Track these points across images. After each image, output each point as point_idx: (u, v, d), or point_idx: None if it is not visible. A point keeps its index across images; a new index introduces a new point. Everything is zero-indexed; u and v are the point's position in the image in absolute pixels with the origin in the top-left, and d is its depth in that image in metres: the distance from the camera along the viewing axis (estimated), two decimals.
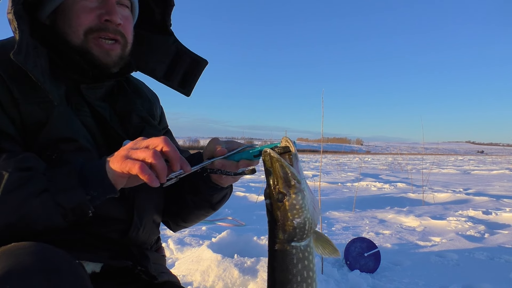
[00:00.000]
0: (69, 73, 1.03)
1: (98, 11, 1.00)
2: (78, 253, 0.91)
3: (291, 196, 0.84)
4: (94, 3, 1.00)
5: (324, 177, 12.32)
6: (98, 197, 0.82)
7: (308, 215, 0.85)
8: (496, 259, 3.51)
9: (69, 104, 0.99)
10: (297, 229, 0.85)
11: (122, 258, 1.00)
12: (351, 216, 5.65)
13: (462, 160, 40.63)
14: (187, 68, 1.25)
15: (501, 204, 6.66)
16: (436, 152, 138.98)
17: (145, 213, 1.09)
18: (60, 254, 0.76)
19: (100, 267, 0.97)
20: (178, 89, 1.26)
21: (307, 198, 0.85)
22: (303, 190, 0.85)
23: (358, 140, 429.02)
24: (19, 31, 0.89)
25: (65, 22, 1.00)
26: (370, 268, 3.16)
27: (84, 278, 0.75)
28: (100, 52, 1.01)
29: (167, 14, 1.22)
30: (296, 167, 0.87)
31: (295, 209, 0.84)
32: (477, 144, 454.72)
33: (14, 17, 0.89)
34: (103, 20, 0.99)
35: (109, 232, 1.00)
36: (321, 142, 3.64)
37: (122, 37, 1.04)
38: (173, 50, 1.25)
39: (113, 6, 1.01)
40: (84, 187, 0.81)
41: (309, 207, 0.85)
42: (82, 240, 0.95)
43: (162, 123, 1.32)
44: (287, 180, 0.84)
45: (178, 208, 1.22)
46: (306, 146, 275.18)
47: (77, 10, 0.98)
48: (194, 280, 2.70)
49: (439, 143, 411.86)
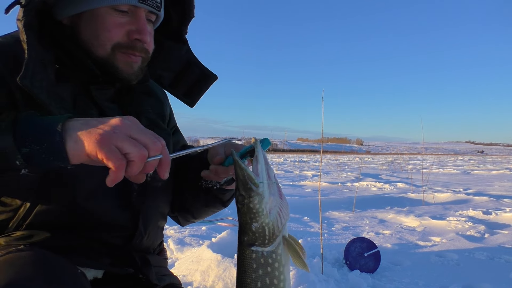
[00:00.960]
0: (78, 73, 0.99)
1: (128, 27, 0.96)
2: (80, 259, 0.91)
3: (249, 200, 0.82)
4: (125, 18, 0.96)
5: (324, 177, 12.32)
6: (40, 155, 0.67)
7: (266, 220, 0.82)
8: (496, 259, 3.51)
9: (75, 106, 0.96)
10: (256, 233, 0.82)
11: (124, 264, 0.99)
12: (351, 216, 5.65)
13: (462, 160, 40.63)
14: (195, 80, 1.22)
15: (501, 204, 6.66)
16: (436, 152, 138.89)
17: (151, 220, 1.08)
18: (61, 264, 0.75)
19: (102, 273, 0.96)
20: (182, 98, 1.23)
21: (265, 203, 0.82)
22: (261, 194, 0.82)
23: (358, 140, 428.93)
24: (28, 48, 0.84)
25: (92, 32, 0.95)
26: (370, 268, 3.16)
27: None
28: (125, 65, 0.98)
29: (184, 24, 1.18)
30: (255, 170, 0.85)
31: (252, 212, 0.82)
32: (477, 144, 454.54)
33: (24, 29, 0.84)
34: (133, 38, 0.97)
35: (113, 238, 0.99)
36: (321, 142, 3.64)
37: (145, 53, 1.02)
38: (184, 60, 1.22)
39: (144, 24, 0.98)
40: (20, 135, 0.68)
41: (269, 212, 0.82)
42: (85, 245, 0.94)
43: (171, 122, 1.29)
44: (244, 183, 0.83)
45: (190, 205, 1.21)
46: (306, 146, 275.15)
47: (107, 24, 0.94)
48: (194, 280, 2.70)
49: (439, 143, 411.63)
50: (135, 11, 0.97)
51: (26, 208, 0.89)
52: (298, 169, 16.96)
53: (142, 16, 0.98)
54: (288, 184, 10.23)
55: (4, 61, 0.88)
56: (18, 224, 0.90)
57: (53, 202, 0.89)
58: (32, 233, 0.89)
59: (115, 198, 0.98)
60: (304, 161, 28.74)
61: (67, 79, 0.96)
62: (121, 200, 1.00)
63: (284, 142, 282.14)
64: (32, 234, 0.89)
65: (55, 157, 0.67)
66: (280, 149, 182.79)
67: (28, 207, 0.89)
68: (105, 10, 0.94)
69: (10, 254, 0.76)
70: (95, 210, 0.94)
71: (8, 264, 0.71)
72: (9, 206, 0.90)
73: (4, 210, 0.90)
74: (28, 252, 0.76)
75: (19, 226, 0.90)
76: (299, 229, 4.75)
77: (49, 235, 0.90)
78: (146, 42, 0.99)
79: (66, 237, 0.92)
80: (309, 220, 5.29)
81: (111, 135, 0.67)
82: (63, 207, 0.90)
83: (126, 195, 1.01)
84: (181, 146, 1.29)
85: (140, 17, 0.97)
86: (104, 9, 0.94)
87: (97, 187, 0.92)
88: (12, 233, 0.90)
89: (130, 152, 0.67)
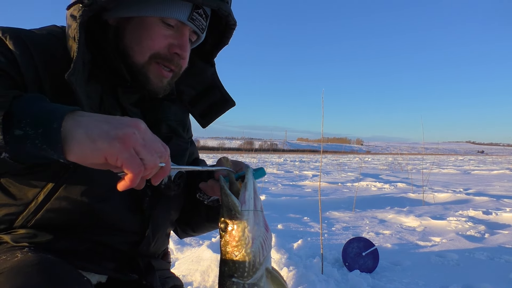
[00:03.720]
0: (108, 75, 0.99)
1: (171, 40, 0.98)
2: (85, 264, 0.91)
3: (232, 227, 0.79)
4: (170, 31, 0.98)
5: (324, 177, 12.32)
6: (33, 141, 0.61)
7: (248, 250, 0.77)
8: (496, 259, 3.51)
9: (101, 106, 0.96)
10: (236, 264, 0.78)
11: (128, 270, 0.99)
12: (351, 216, 5.65)
13: (462, 160, 40.62)
14: (213, 102, 1.23)
15: (501, 204, 6.66)
16: (436, 152, 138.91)
17: (159, 227, 1.09)
18: (68, 271, 0.76)
19: (106, 278, 0.97)
20: (198, 118, 1.24)
21: (249, 232, 0.78)
22: (245, 222, 0.78)
23: (358, 140, 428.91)
24: (78, 47, 0.84)
25: (135, 38, 0.96)
26: (370, 267, 3.15)
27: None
28: (156, 77, 0.99)
29: (217, 49, 1.19)
30: (242, 197, 0.81)
31: (234, 241, 0.78)
32: (477, 144, 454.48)
33: (79, 28, 0.84)
34: (172, 51, 0.98)
35: (120, 243, 0.99)
36: (321, 142, 3.64)
37: (179, 68, 1.03)
38: (208, 82, 1.22)
39: (186, 41, 1.00)
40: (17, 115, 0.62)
41: (251, 241, 0.78)
42: (89, 249, 0.94)
43: (189, 132, 1.30)
44: (228, 209, 0.80)
45: (191, 218, 1.22)
46: (306, 146, 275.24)
47: (152, 33, 0.96)
48: (194, 280, 2.70)
49: (439, 143, 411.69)
50: (181, 27, 0.98)
51: (37, 203, 0.88)
52: (298, 169, 16.96)
53: (186, 34, 0.99)
54: (288, 184, 10.22)
55: (38, 48, 0.87)
56: (27, 219, 0.89)
57: (64, 200, 0.89)
58: (37, 233, 0.89)
59: (127, 203, 0.98)
60: (304, 161, 28.74)
61: (97, 79, 0.96)
62: (132, 205, 1.00)
63: (284, 142, 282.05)
64: (37, 234, 0.89)
65: (49, 145, 0.61)
66: (280, 149, 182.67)
67: (39, 202, 0.88)
68: (154, 20, 0.96)
69: (16, 259, 0.76)
70: (107, 213, 0.94)
71: (14, 272, 0.71)
72: (20, 200, 0.89)
73: (15, 203, 0.89)
74: (34, 259, 0.76)
75: (27, 222, 0.90)
76: (299, 229, 4.75)
77: (53, 237, 0.89)
78: (185, 59, 1.01)
79: (71, 240, 0.92)
80: (309, 220, 5.29)
81: (131, 137, 0.63)
82: (74, 206, 0.90)
83: (138, 200, 1.01)
84: (193, 159, 1.29)
85: (184, 34, 0.99)
86: (153, 19, 0.95)
87: (111, 188, 0.90)
88: (16, 231, 0.90)
89: (146, 159, 0.64)
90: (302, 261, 3.05)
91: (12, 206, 0.90)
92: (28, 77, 0.83)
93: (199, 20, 1.00)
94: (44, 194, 0.88)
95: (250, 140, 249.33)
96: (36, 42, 0.88)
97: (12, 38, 0.84)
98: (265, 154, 55.08)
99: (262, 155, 47.63)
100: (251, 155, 37.88)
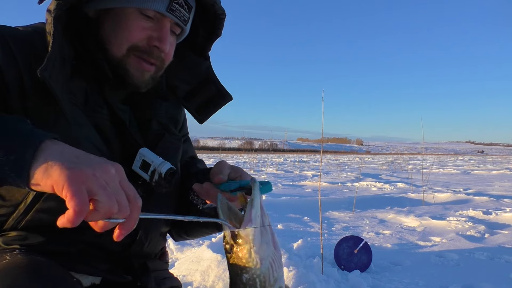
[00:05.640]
0: (92, 71, 0.97)
1: (149, 33, 0.95)
2: (77, 265, 0.90)
3: (238, 248, 0.74)
4: (149, 23, 0.95)
5: (324, 177, 12.32)
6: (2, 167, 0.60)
7: (257, 272, 0.73)
8: (496, 259, 3.51)
9: (87, 103, 0.94)
10: (247, 286, 0.73)
11: (122, 271, 0.98)
12: (351, 216, 5.65)
13: (462, 160, 40.64)
14: (209, 97, 1.20)
15: (501, 204, 6.66)
16: (436, 152, 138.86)
17: (152, 228, 1.07)
18: (58, 273, 0.75)
19: (100, 280, 0.95)
20: (194, 113, 1.22)
21: (256, 252, 0.74)
22: (250, 242, 0.74)
23: (358, 140, 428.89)
24: (53, 42, 0.82)
25: (113, 29, 0.94)
26: (365, 262, 3.13)
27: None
28: (136, 70, 0.96)
29: (210, 42, 1.16)
30: (248, 215, 0.75)
31: (241, 262, 0.74)
32: (477, 144, 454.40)
33: (53, 22, 0.83)
34: (151, 44, 0.95)
35: (112, 244, 0.97)
36: (321, 142, 3.64)
37: (161, 62, 1.00)
38: (203, 75, 1.19)
39: (166, 33, 0.96)
40: None
41: (260, 262, 0.74)
42: (82, 250, 0.93)
43: (183, 129, 1.27)
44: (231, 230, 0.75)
45: (185, 222, 1.20)
46: (306, 146, 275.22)
47: (129, 24, 0.93)
48: (194, 280, 2.70)
49: (439, 143, 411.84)
50: (160, 19, 0.95)
51: (26, 204, 0.87)
52: (298, 169, 16.96)
53: (166, 25, 0.96)
54: (288, 184, 10.22)
55: (20, 46, 0.87)
56: (17, 220, 0.89)
57: (54, 200, 0.87)
58: (28, 235, 0.88)
59: None
60: (304, 161, 28.75)
61: (82, 75, 0.95)
62: None
63: (284, 142, 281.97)
64: (28, 235, 0.88)
65: (16, 173, 0.59)
66: (280, 149, 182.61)
67: (28, 203, 0.87)
68: (132, 11, 0.93)
69: (5, 262, 0.76)
70: None
71: (4, 274, 0.71)
72: (9, 201, 0.88)
73: (4, 204, 0.89)
74: (23, 261, 0.75)
75: (18, 223, 0.89)
76: (299, 229, 4.75)
77: (44, 239, 0.89)
78: (164, 52, 0.97)
79: (63, 242, 0.90)
80: (309, 220, 5.29)
81: (89, 176, 0.59)
82: (64, 206, 0.90)
83: None
84: (189, 156, 1.27)
85: (164, 26, 0.96)
86: (130, 10, 0.93)
87: None
88: (7, 233, 0.90)
89: (100, 201, 0.59)
90: (302, 261, 3.06)
91: (2, 208, 0.89)
92: (10, 77, 0.82)
93: (180, 11, 0.96)
94: (32, 195, 0.86)
95: (250, 140, 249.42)
96: (19, 39, 0.87)
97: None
98: (265, 154, 55.09)
99: (262, 155, 47.63)
100: (251, 155, 37.84)
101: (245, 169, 1.04)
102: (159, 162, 0.90)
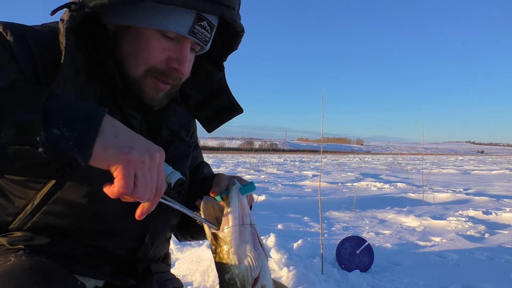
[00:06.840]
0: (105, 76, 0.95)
1: (169, 54, 0.92)
2: (81, 268, 0.90)
3: (219, 249, 0.77)
4: (169, 43, 0.92)
5: (324, 177, 12.32)
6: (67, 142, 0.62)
7: (236, 271, 0.75)
8: (496, 259, 3.51)
9: None
10: (229, 285, 0.76)
11: (125, 275, 0.98)
12: (351, 216, 5.65)
13: (462, 160, 40.62)
14: (220, 108, 1.19)
15: (501, 204, 6.66)
16: (436, 152, 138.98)
17: (159, 234, 1.07)
18: (63, 277, 0.75)
19: (102, 283, 0.96)
20: (203, 123, 1.21)
21: (234, 252, 0.76)
22: (228, 242, 0.76)
23: (358, 140, 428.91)
24: (64, 55, 0.82)
25: (132, 49, 0.92)
26: (366, 264, 3.13)
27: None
28: (152, 90, 0.95)
29: (226, 53, 1.13)
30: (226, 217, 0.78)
31: (221, 262, 0.77)
32: (477, 144, 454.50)
33: (65, 33, 0.81)
34: (170, 66, 0.93)
35: (117, 249, 0.98)
36: (321, 142, 3.64)
37: (178, 81, 0.98)
38: (215, 86, 1.17)
39: (186, 55, 0.93)
40: (55, 115, 0.62)
41: (238, 261, 0.76)
42: (87, 253, 0.93)
43: (194, 136, 1.25)
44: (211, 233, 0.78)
45: (190, 226, 1.20)
46: (306, 146, 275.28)
47: (149, 46, 0.90)
48: (194, 280, 2.70)
49: (439, 143, 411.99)
50: (181, 40, 0.93)
51: (33, 205, 0.87)
52: (298, 169, 16.96)
53: (186, 47, 0.93)
54: (288, 184, 10.22)
55: (41, 51, 0.85)
56: (24, 221, 0.89)
57: (61, 203, 0.87)
58: (34, 236, 0.89)
59: (126, 208, 0.95)
60: (304, 161, 28.75)
61: (96, 80, 0.93)
62: (131, 210, 0.98)
63: (284, 142, 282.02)
64: (33, 236, 0.88)
65: (79, 149, 0.63)
66: (280, 149, 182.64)
67: (36, 204, 0.87)
68: (152, 32, 0.90)
69: (9, 263, 0.76)
70: (105, 217, 0.93)
71: (7, 278, 0.70)
72: (17, 202, 0.88)
73: (11, 205, 0.89)
74: (28, 263, 0.75)
75: (24, 224, 0.89)
76: (299, 229, 4.75)
77: (49, 240, 0.89)
78: (183, 74, 0.96)
79: (68, 244, 0.91)
80: (309, 220, 5.29)
81: (140, 162, 0.66)
82: (71, 209, 0.89)
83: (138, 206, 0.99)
84: (199, 162, 1.27)
85: (184, 47, 0.93)
86: (151, 31, 0.90)
87: None
88: (12, 233, 0.90)
89: (139, 186, 0.67)
90: (302, 261, 3.05)
91: (9, 208, 0.89)
92: (27, 75, 0.81)
93: (202, 33, 0.93)
94: (40, 197, 0.86)
95: (250, 140, 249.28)
96: (37, 39, 0.86)
97: (13, 34, 0.81)
98: (265, 154, 55.07)
99: (262, 155, 47.62)
100: (251, 155, 37.83)
101: (245, 169, 1.05)
102: (169, 171, 0.89)
